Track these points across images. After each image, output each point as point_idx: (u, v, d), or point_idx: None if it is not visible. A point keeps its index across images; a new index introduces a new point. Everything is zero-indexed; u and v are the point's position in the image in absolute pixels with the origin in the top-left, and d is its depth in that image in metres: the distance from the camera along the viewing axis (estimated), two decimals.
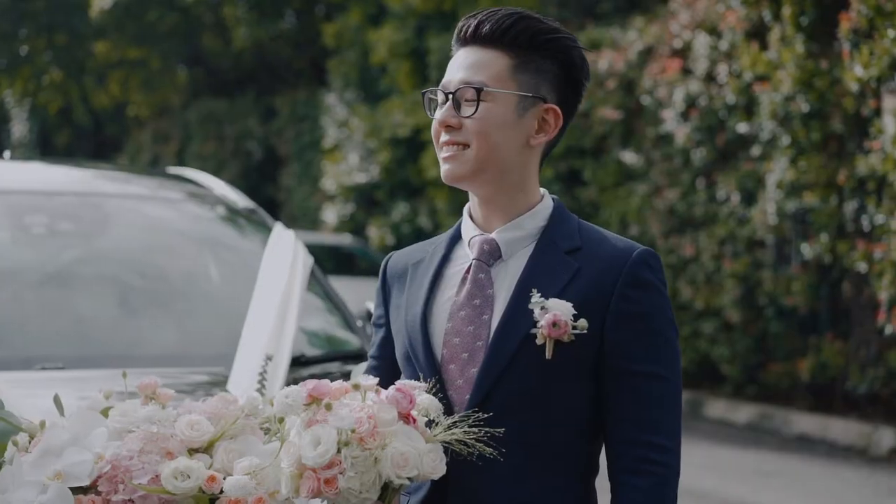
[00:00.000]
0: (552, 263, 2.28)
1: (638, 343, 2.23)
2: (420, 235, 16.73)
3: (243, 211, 4.43)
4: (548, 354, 2.20)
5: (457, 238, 2.43)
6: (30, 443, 2.25)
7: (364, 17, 17.95)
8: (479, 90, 2.28)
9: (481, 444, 2.15)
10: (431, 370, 2.29)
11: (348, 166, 17.61)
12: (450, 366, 2.29)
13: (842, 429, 10.31)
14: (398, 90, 16.78)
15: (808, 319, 11.20)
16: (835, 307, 11.08)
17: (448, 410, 2.24)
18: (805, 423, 10.65)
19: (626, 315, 2.23)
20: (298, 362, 3.45)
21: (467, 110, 2.29)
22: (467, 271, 2.34)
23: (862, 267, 9.77)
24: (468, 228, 2.40)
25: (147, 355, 3.75)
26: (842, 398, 10.78)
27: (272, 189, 22.09)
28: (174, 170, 5.12)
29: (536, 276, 2.27)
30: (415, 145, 16.28)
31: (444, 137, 2.32)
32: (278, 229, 4.13)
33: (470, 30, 2.32)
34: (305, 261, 3.89)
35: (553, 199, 2.39)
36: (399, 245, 16.82)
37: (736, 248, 11.46)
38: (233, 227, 4.42)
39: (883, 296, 9.42)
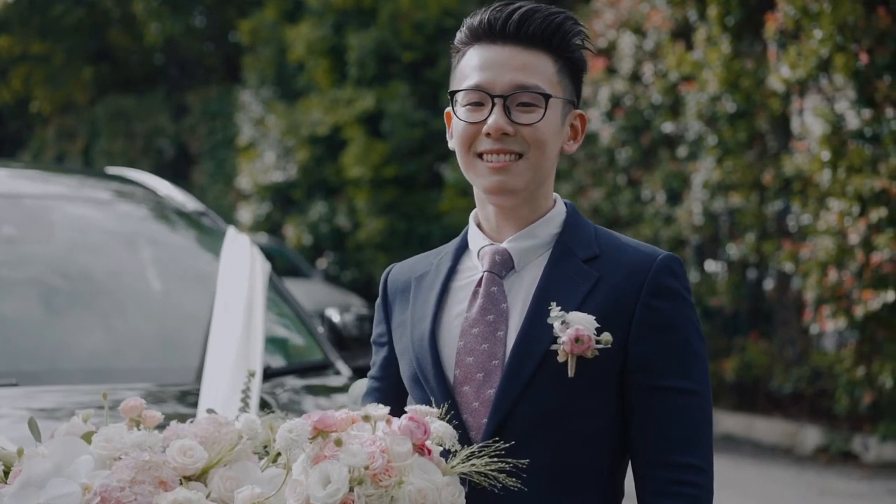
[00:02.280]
0: (570, 273, 2.14)
1: (665, 356, 2.09)
2: (338, 235, 16.52)
3: (193, 214, 4.20)
4: (570, 372, 2.06)
5: (463, 248, 2.27)
6: (5, 472, 2.06)
7: (280, 13, 17.68)
8: (547, 96, 2.13)
9: (503, 475, 2.00)
10: (444, 393, 2.13)
11: (264, 165, 17.33)
12: (463, 387, 2.13)
13: (766, 428, 10.37)
14: (316, 88, 16.54)
15: (732, 320, 11.25)
16: (758, 307, 11.15)
17: (463, 436, 2.09)
18: (730, 422, 10.69)
19: (652, 326, 2.10)
20: (264, 375, 3.26)
21: (523, 116, 2.13)
22: (478, 284, 2.18)
23: (788, 267, 9.82)
24: (476, 238, 2.24)
25: (96, 369, 3.51)
26: (765, 398, 10.85)
27: (184, 187, 21.68)
28: (114, 170, 4.85)
29: (553, 288, 2.13)
30: (334, 144, 16.07)
31: (492, 145, 2.14)
32: (231, 234, 3.92)
33: (512, 26, 2.13)
34: (263, 266, 3.71)
35: (566, 203, 2.25)
36: (316, 244, 16.59)
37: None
38: (183, 231, 4.19)
39: (809, 295, 9.47)
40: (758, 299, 11.15)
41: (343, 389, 3.48)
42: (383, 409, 2.01)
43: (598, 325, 2.07)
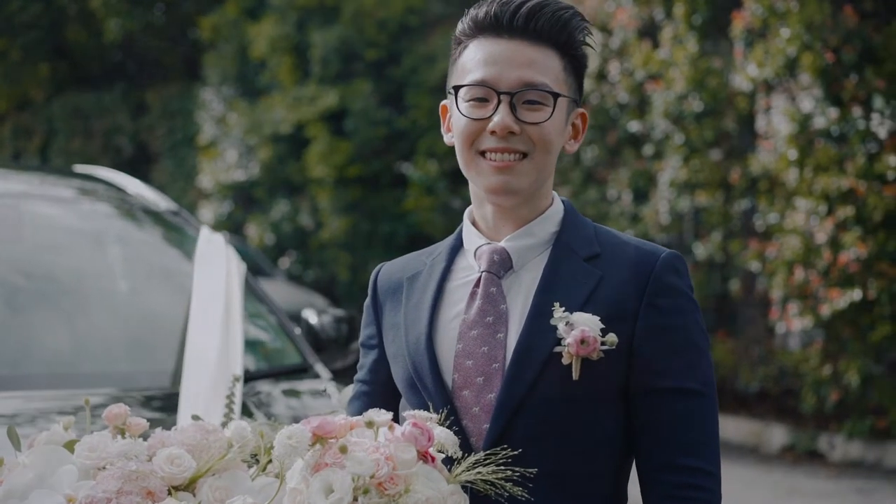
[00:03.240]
0: (572, 272, 2.07)
1: (670, 356, 2.04)
2: (301, 234, 16.38)
3: (165, 213, 4.10)
4: (574, 375, 2.00)
5: (458, 247, 2.20)
6: None
7: (241, 10, 17.53)
8: (555, 95, 2.06)
9: (510, 484, 1.93)
10: (442, 398, 2.06)
11: (226, 163, 17.16)
12: (463, 392, 2.06)
13: (732, 427, 10.37)
14: (279, 85, 16.39)
15: None
16: (724, 306, 11.15)
17: (464, 442, 2.01)
18: None
19: (657, 326, 2.04)
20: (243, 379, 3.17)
21: (529, 115, 2.06)
22: (476, 285, 2.11)
23: (755, 266, 9.82)
24: (471, 236, 2.17)
25: (73, 374, 3.41)
26: (731, 396, 10.85)
27: None
28: (82, 168, 4.72)
29: (555, 288, 2.06)
30: (297, 142, 15.93)
31: (497, 143, 2.06)
32: (205, 233, 3.82)
33: (520, 20, 2.06)
34: (239, 267, 3.61)
35: (563, 201, 2.19)
36: (279, 244, 16.45)
37: None
38: (155, 230, 4.08)
39: (775, 294, 9.48)
40: (724, 298, 11.15)
41: (322, 393, 3.40)
42: (386, 415, 1.94)
43: (602, 326, 2.01)
